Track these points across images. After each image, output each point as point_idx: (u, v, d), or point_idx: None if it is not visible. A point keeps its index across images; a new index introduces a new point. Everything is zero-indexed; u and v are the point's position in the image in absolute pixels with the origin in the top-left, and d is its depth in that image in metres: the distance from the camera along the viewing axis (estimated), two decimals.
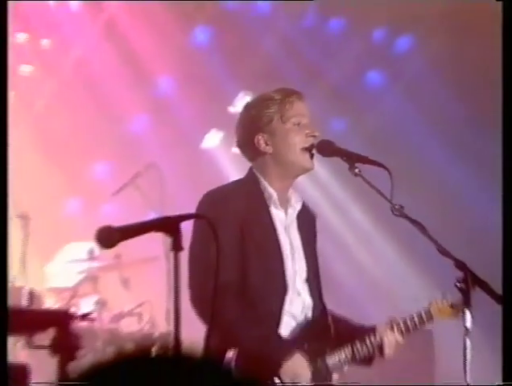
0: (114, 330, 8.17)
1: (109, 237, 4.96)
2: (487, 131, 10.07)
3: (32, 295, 7.82)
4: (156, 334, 8.36)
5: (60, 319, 5.01)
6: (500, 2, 8.04)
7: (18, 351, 7.34)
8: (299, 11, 11.02)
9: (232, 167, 10.34)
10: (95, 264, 8.55)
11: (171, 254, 4.85)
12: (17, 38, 10.15)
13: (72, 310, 8.20)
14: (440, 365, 9.29)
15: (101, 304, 8.31)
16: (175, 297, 4.80)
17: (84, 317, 5.58)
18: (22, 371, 4.95)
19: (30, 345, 5.04)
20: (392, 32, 11.45)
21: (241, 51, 10.75)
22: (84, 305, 8.29)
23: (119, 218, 9.29)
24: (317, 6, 10.99)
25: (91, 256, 8.53)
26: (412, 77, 11.22)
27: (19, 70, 10.28)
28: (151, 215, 8.31)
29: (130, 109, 10.57)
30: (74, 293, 8.39)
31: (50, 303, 8.49)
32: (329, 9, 11.09)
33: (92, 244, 8.67)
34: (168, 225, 4.87)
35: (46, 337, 4.88)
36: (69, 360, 4.78)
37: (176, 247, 4.75)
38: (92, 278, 8.58)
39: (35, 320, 5.68)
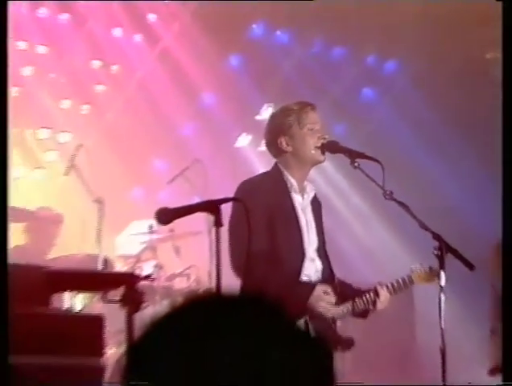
0: (168, 287, 8.16)
1: (165, 216, 5.13)
2: (458, 131, 10.11)
3: (106, 261, 7.82)
4: (201, 290, 8.36)
5: (128, 280, 5.07)
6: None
7: (93, 304, 7.33)
8: (309, 41, 10.94)
9: (258, 162, 10.32)
10: (154, 236, 8.53)
11: (213, 229, 4.96)
12: (92, 64, 10.13)
13: (137, 272, 8.22)
14: (419, 315, 9.23)
15: (159, 267, 8.31)
16: (217, 261, 4.95)
17: (146, 277, 5.63)
18: (99, 320, 4.92)
19: (105, 300, 5.09)
20: (381, 57, 11.39)
21: (265, 72, 10.70)
22: (146, 269, 8.30)
23: (172, 201, 9.27)
24: (323, 37, 10.94)
25: (151, 231, 8.52)
26: (398, 93, 11.15)
27: (95, 89, 10.24)
28: (196, 200, 8.30)
29: (180, 118, 10.54)
30: (138, 259, 8.42)
31: (119, 267, 8.48)
32: (332, 39, 11.03)
33: (152, 221, 8.68)
34: (211, 207, 4.94)
35: (117, 293, 4.91)
36: (135, 312, 4.79)
37: (218, 224, 4.83)
38: (151, 247, 8.57)
39: (108, 280, 5.79)
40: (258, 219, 5.50)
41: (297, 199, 5.82)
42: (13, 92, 9.78)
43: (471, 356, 6.63)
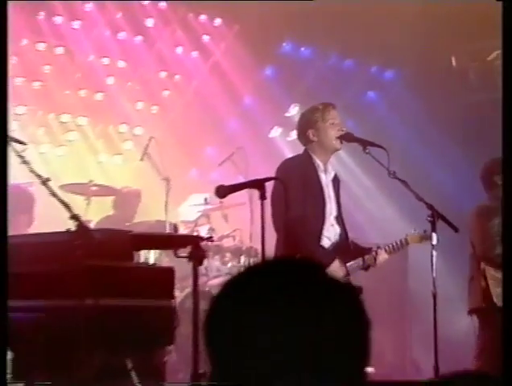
0: (219, 245, 8.13)
1: (223, 191, 5.20)
2: (444, 127, 10.00)
3: (174, 226, 7.86)
4: (244, 248, 8.37)
5: (194, 240, 5.10)
6: None
7: (162, 259, 7.39)
8: (326, 55, 10.89)
9: (286, 149, 10.33)
10: (208, 206, 8.52)
11: (258, 201, 4.95)
12: (160, 74, 10.16)
13: (195, 234, 8.25)
14: (412, 268, 9.22)
15: (211, 230, 8.31)
16: (262, 225, 4.96)
17: (207, 239, 5.62)
18: (170, 271, 5.01)
19: (176, 256, 5.06)
20: (381, 68, 11.32)
21: (292, 79, 10.65)
22: (202, 231, 8.32)
23: (221, 180, 9.30)
24: (337, 51, 10.88)
25: (205, 202, 8.53)
26: (394, 95, 11.09)
27: (162, 93, 10.28)
28: (240, 179, 8.32)
29: (227, 115, 10.51)
30: (195, 224, 8.39)
31: (182, 230, 8.50)
32: (344, 53, 10.97)
33: (206, 195, 8.72)
34: (258, 184, 4.98)
35: (185, 251, 4.94)
36: (199, 265, 4.83)
37: (262, 197, 4.86)
38: (205, 215, 8.56)
39: (179, 241, 5.81)
40: (293, 193, 5.49)
41: (322, 177, 5.79)
42: (98, 96, 9.87)
43: (455, 299, 6.59)
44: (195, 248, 4.72)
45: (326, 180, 5.84)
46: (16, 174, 7.85)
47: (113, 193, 8.77)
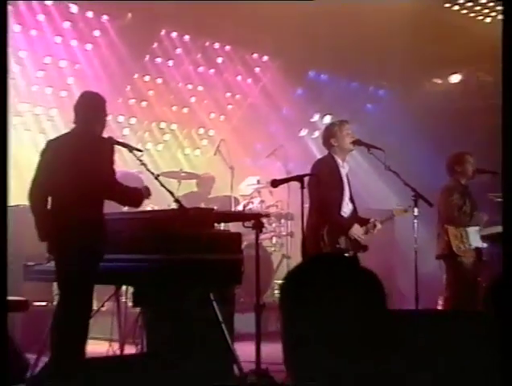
0: (268, 212, 7.91)
1: (276, 183, 5.09)
2: (423, 131, 9.80)
3: (234, 199, 7.85)
4: (283, 213, 8.35)
5: (254, 215, 5.07)
6: None
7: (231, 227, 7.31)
8: (341, 81, 10.74)
9: (311, 144, 10.33)
10: (259, 185, 8.44)
11: (299, 190, 4.83)
12: (225, 94, 10.03)
13: (251, 205, 8.24)
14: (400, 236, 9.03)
15: (261, 202, 8.29)
16: (302, 207, 4.87)
17: (266, 216, 5.50)
18: (239, 235, 4.88)
19: (244, 226, 4.91)
20: (376, 88, 11.17)
21: (315, 96, 10.56)
22: (255, 202, 8.30)
23: (268, 166, 9.32)
24: (346, 77, 10.71)
25: (257, 182, 8.50)
26: (386, 106, 10.98)
27: (227, 108, 10.15)
28: (281, 167, 8.31)
29: (271, 121, 10.37)
30: (251, 197, 8.36)
31: (242, 201, 8.47)
32: (351, 78, 10.79)
33: (258, 177, 8.66)
34: (299, 178, 4.81)
35: (249, 223, 4.82)
36: (260, 232, 4.79)
37: (302, 187, 4.76)
38: (257, 191, 8.46)
39: (244, 216, 5.86)
40: (323, 183, 5.37)
41: (342, 171, 5.64)
42: (184, 110, 9.86)
43: (429, 249, 6.51)
44: (257, 221, 4.65)
45: (344, 173, 5.69)
46: (131, 165, 7.94)
47: (196, 177, 8.71)
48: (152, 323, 4.54)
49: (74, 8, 7.93)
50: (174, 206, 4.59)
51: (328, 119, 10.93)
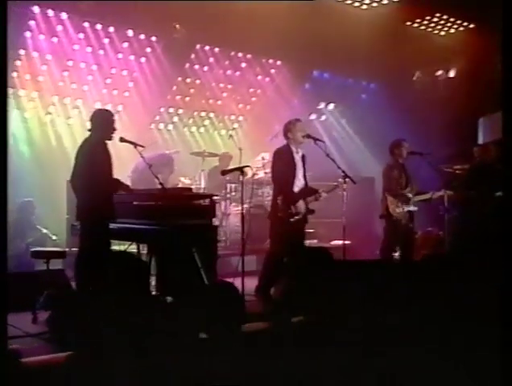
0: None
1: (223, 173, 5.46)
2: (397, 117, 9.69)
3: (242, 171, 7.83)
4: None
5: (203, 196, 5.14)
6: None
7: None
8: (338, 76, 10.72)
9: (318, 126, 10.55)
10: (265, 160, 8.68)
11: None
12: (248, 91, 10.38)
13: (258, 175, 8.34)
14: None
15: (266, 173, 8.36)
16: (242, 185, 5.24)
17: None
18: (211, 207, 5.07)
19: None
20: (368, 82, 11.11)
21: (320, 89, 10.61)
22: (260, 173, 8.50)
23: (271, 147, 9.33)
24: (344, 74, 10.66)
25: (263, 159, 8.77)
26: (376, 98, 10.95)
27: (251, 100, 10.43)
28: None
29: (285, 110, 10.35)
30: (256, 169, 8.38)
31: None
32: (348, 75, 10.75)
33: (264, 154, 8.83)
34: (239, 168, 5.36)
35: None
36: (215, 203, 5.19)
37: (242, 174, 5.09)
38: (263, 163, 8.71)
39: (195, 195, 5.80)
40: (281, 165, 5.53)
41: (296, 156, 5.65)
42: (218, 102, 10.09)
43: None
44: (211, 200, 4.92)
45: (298, 158, 5.70)
46: (169, 147, 8.63)
47: (215, 156, 8.83)
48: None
49: (130, 32, 8.62)
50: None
51: (331, 106, 11.27)
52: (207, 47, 9.50)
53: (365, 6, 9.19)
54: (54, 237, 7.29)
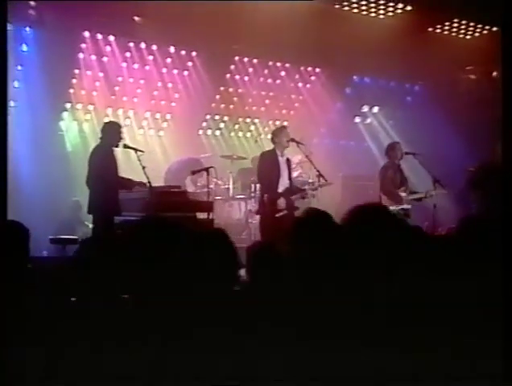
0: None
1: (193, 172, 6.01)
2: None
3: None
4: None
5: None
6: None
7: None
8: (379, 80, 10.81)
9: (363, 127, 10.70)
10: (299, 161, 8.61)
11: None
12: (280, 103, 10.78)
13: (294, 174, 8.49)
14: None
15: (301, 175, 8.63)
16: (207, 183, 5.79)
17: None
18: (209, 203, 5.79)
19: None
20: (412, 84, 11.04)
21: (362, 93, 10.80)
22: (295, 174, 8.62)
23: (319, 150, 9.59)
24: (386, 77, 10.71)
25: (299, 160, 8.60)
26: (421, 100, 10.88)
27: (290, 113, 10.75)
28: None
29: (326, 114, 10.80)
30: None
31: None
32: (390, 78, 10.81)
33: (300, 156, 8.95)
34: (205, 169, 5.74)
35: None
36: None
37: (208, 174, 5.52)
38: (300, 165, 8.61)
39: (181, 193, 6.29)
40: (267, 167, 5.91)
41: (280, 159, 6.01)
42: (262, 109, 10.52)
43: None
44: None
45: (282, 161, 6.04)
46: (198, 151, 9.21)
47: (243, 159, 9.12)
48: None
49: (172, 48, 9.50)
50: None
51: (376, 109, 11.33)
52: (245, 59, 10.05)
53: (390, 14, 9.27)
54: None
